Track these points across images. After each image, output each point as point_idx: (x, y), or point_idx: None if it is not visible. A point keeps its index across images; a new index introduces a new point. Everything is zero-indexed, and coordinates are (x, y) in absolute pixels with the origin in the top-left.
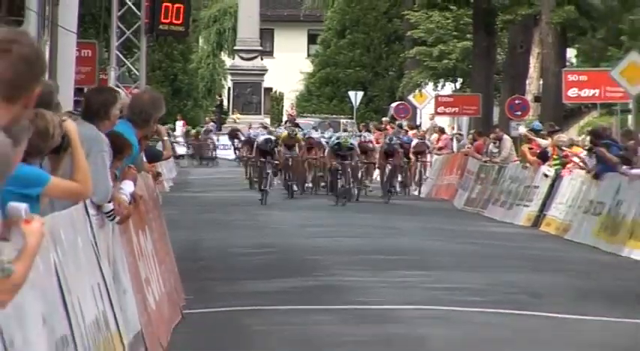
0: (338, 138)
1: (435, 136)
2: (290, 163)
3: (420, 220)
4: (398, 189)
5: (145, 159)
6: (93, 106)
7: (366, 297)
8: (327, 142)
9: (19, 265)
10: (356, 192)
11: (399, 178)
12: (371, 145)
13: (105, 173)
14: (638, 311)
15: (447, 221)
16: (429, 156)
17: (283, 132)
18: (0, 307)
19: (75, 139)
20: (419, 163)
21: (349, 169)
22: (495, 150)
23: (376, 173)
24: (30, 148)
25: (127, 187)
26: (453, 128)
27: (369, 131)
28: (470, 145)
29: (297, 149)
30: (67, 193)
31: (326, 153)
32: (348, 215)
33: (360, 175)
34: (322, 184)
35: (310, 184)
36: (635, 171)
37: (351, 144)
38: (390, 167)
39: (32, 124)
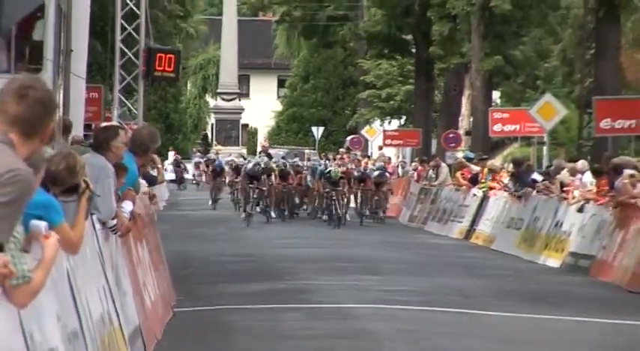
0: (328, 170)
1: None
2: (267, 191)
3: (372, 233)
4: (367, 213)
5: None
6: (99, 140)
7: (327, 297)
8: (310, 170)
9: (38, 273)
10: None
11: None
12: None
13: (110, 196)
14: (552, 308)
15: (393, 234)
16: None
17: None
18: (21, 308)
19: (84, 200)
20: (380, 193)
21: (342, 196)
22: (434, 175)
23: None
24: (56, 178)
25: (127, 206)
26: (398, 157)
27: (328, 160)
28: (413, 171)
29: (272, 178)
30: (66, 240)
31: (314, 181)
32: (316, 230)
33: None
34: (305, 207)
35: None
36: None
37: (342, 175)
38: (361, 194)
39: (64, 160)
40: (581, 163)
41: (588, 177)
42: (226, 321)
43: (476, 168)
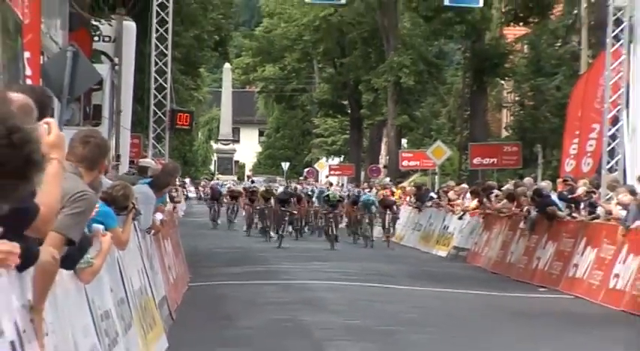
0: (326, 193)
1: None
2: (266, 212)
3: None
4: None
5: (167, 200)
6: (158, 180)
7: (293, 276)
8: (310, 195)
9: (98, 260)
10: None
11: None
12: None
13: (148, 214)
14: (441, 284)
15: (345, 235)
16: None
17: (261, 188)
18: (85, 283)
19: (130, 219)
20: (387, 215)
21: (338, 218)
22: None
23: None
24: (115, 200)
25: (158, 216)
26: (338, 183)
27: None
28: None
29: (272, 201)
30: (118, 239)
31: (314, 204)
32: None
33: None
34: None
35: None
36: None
37: (340, 197)
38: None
39: (123, 189)
40: (462, 187)
41: (467, 196)
42: (222, 292)
43: (394, 189)
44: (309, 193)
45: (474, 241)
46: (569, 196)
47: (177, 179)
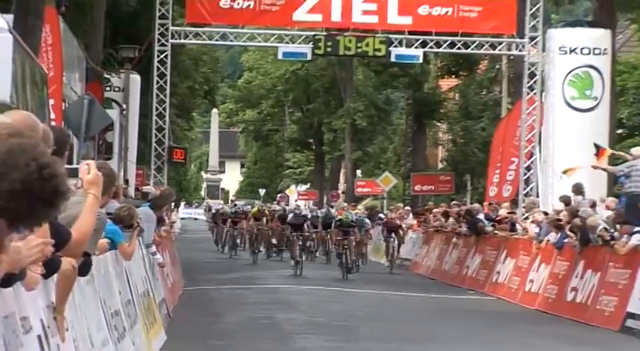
0: (339, 218)
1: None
2: (257, 233)
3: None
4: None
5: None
6: (157, 202)
7: (266, 281)
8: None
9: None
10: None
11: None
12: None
13: (150, 232)
14: (389, 287)
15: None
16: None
17: (254, 208)
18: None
19: (135, 234)
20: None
21: (353, 244)
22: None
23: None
24: (122, 219)
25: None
26: (306, 206)
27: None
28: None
29: (264, 221)
30: (124, 252)
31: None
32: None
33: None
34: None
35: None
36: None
37: (353, 221)
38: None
39: (128, 210)
40: (406, 209)
41: (410, 216)
42: (210, 294)
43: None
44: (315, 215)
45: (416, 252)
46: (494, 217)
47: (172, 202)
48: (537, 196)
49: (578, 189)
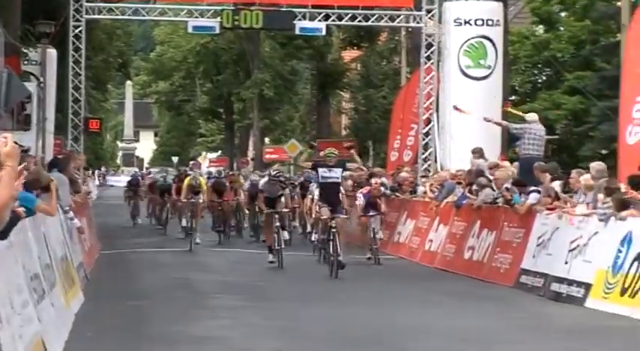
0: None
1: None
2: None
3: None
4: None
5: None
6: (59, 164)
7: (182, 245)
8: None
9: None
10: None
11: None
12: None
13: (66, 194)
14: (300, 249)
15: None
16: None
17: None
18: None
19: (54, 191)
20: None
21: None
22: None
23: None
24: (31, 185)
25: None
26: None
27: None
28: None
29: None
30: (44, 211)
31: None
32: None
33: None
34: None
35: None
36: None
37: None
38: None
39: (32, 175)
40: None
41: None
42: (126, 258)
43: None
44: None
45: None
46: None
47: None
48: (435, 161)
49: (478, 152)
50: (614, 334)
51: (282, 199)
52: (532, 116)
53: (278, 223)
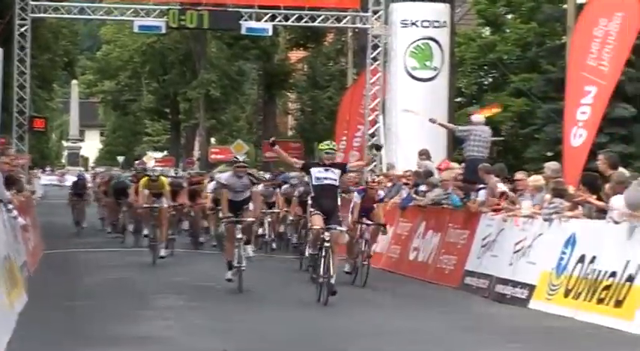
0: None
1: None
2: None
3: None
4: None
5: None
6: None
7: (124, 244)
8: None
9: None
10: None
11: None
12: None
13: (2, 188)
14: None
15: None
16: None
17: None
18: None
19: None
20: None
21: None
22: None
23: None
24: None
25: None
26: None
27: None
28: None
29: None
30: None
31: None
32: None
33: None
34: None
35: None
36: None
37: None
38: None
39: None
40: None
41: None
42: (70, 257)
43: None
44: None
45: None
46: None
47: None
48: (381, 162)
49: (425, 154)
50: (557, 335)
51: (250, 205)
52: (478, 118)
53: (240, 235)
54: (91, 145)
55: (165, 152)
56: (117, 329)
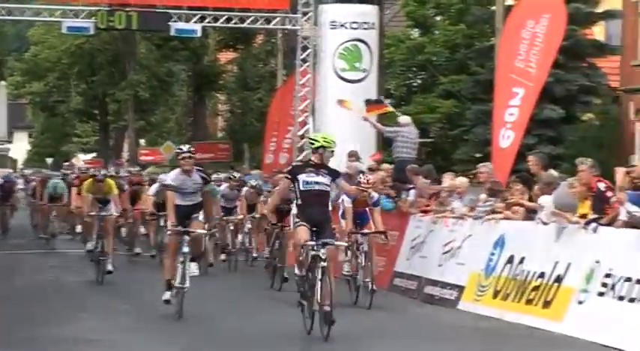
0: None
1: None
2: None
3: None
4: None
5: None
6: None
7: (53, 245)
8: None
9: None
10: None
11: None
12: None
13: None
14: None
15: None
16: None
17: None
18: None
19: None
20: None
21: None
22: None
23: None
24: None
25: None
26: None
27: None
28: None
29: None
30: None
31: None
32: None
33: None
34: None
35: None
36: None
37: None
38: None
39: None
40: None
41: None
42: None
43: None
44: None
45: None
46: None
47: None
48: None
49: (354, 155)
50: (486, 336)
51: (200, 215)
52: (405, 119)
53: (187, 249)
54: (20, 147)
55: (95, 154)
56: (46, 331)
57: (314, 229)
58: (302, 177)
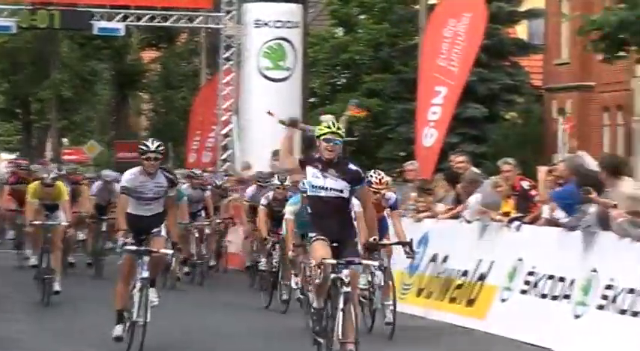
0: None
1: None
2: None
3: None
4: None
5: None
6: None
7: None
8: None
9: None
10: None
11: None
12: None
13: None
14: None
15: None
16: None
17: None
18: None
19: None
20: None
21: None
22: None
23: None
24: None
25: None
26: None
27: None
28: None
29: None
30: None
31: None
32: None
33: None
34: None
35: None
36: None
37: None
38: None
39: None
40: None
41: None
42: None
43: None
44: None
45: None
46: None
47: None
48: (234, 162)
49: (278, 155)
50: (410, 335)
51: (163, 230)
52: (326, 118)
53: (147, 274)
54: None
55: (18, 153)
56: None
57: (333, 244)
58: (310, 173)
